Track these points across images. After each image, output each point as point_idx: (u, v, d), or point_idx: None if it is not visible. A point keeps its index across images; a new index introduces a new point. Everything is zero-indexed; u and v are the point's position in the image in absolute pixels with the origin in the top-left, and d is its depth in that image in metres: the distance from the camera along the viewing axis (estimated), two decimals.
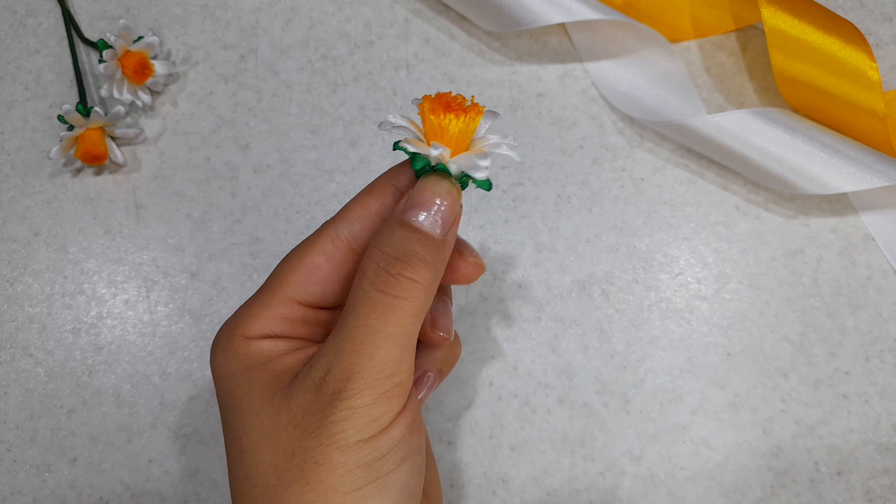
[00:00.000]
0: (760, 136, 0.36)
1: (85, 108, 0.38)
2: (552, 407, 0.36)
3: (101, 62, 0.38)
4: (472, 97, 0.24)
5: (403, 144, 0.23)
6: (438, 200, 0.23)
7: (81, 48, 0.42)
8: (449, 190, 0.23)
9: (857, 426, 0.36)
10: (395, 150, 0.24)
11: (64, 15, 0.42)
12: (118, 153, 0.39)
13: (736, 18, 0.40)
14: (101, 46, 0.38)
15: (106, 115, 0.39)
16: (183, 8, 0.42)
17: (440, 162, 0.24)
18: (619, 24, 0.40)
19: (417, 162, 0.24)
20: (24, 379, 0.37)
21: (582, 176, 0.39)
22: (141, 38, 0.39)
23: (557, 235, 0.39)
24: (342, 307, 0.24)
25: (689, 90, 0.40)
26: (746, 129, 0.36)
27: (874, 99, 0.36)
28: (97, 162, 0.38)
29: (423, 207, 0.23)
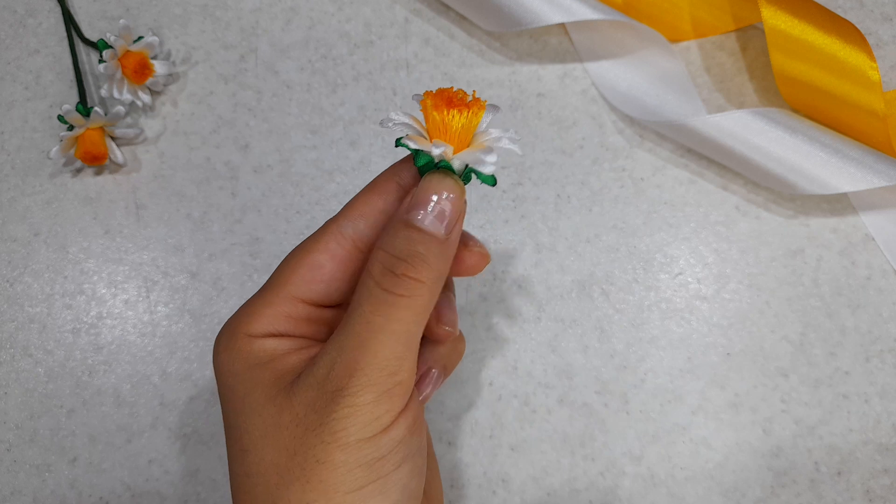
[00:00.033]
0: (760, 136, 0.36)
1: (85, 108, 0.38)
2: (552, 407, 0.36)
3: (101, 62, 0.38)
4: (473, 92, 0.24)
5: (406, 141, 0.23)
6: (442, 199, 0.23)
7: (81, 48, 0.42)
8: (452, 188, 0.23)
9: (857, 426, 0.36)
10: (397, 146, 0.24)
11: (64, 15, 0.42)
12: (118, 153, 0.39)
13: (736, 18, 0.40)
14: (101, 46, 0.38)
15: (106, 115, 0.38)
16: (183, 8, 0.42)
17: (443, 159, 0.23)
18: (619, 24, 0.40)
19: (420, 159, 0.24)
20: (24, 379, 0.37)
21: (582, 176, 0.39)
22: (141, 38, 0.39)
23: (557, 235, 0.39)
24: (346, 305, 0.24)
25: (689, 90, 0.40)
26: (746, 129, 0.36)
27: (874, 99, 0.36)
28: (97, 162, 0.38)
29: (426, 207, 0.23)
